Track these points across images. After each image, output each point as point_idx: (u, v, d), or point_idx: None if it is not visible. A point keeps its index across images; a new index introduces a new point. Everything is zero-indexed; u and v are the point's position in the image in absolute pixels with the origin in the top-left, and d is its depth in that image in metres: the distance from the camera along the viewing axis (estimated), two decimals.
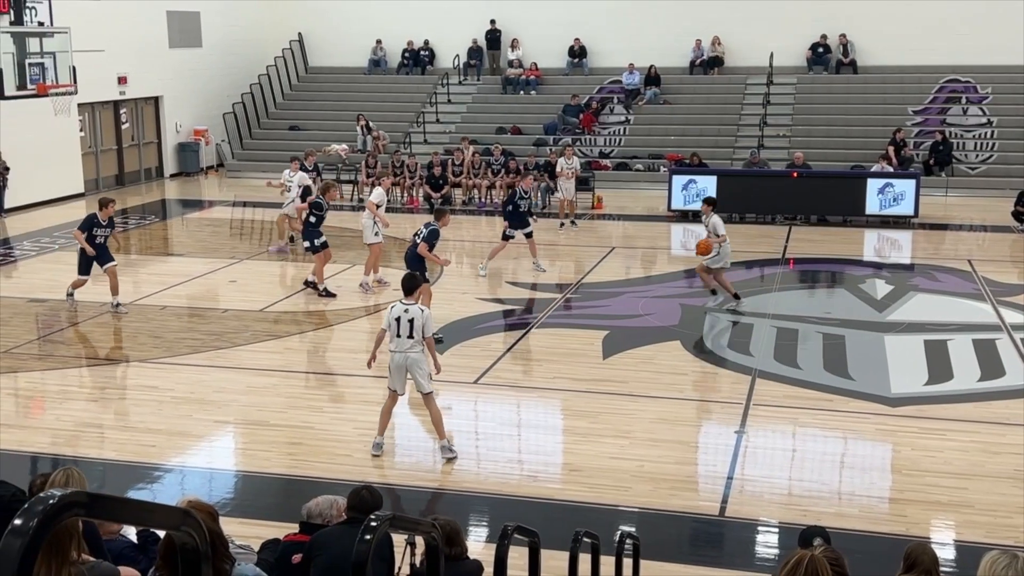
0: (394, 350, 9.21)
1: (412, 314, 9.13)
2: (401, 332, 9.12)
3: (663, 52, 27.37)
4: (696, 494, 8.78)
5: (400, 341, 9.15)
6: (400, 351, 9.16)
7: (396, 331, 9.14)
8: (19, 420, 10.40)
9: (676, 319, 13.95)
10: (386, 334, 9.32)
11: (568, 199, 20.50)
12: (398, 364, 9.21)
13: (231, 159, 27.82)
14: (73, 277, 14.24)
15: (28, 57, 16.98)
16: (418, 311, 9.20)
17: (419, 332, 9.13)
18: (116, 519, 2.34)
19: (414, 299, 9.37)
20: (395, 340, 9.17)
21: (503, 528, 5.14)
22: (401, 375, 9.27)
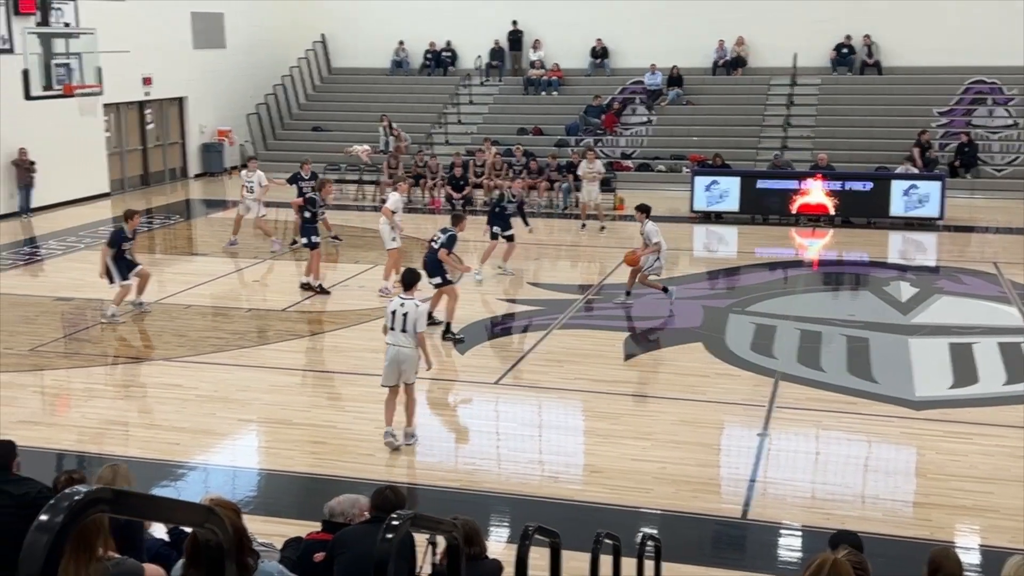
0: (389, 343, 9.38)
1: (407, 308, 9.27)
2: (395, 325, 9.27)
3: (686, 52, 27.29)
4: (718, 496, 8.75)
5: (395, 334, 9.31)
6: (394, 344, 9.33)
7: (391, 324, 9.30)
8: (45, 417, 10.49)
9: (698, 321, 13.90)
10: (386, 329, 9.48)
11: (591, 202, 20.39)
12: (391, 357, 9.37)
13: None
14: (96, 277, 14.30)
15: (54, 58, 17.14)
16: (412, 305, 9.32)
17: (412, 326, 9.22)
18: (141, 516, 2.36)
19: (412, 294, 9.49)
20: (390, 333, 9.34)
21: (524, 528, 5.14)
22: (394, 369, 9.40)
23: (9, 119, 20.44)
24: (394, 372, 9.43)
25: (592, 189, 20.54)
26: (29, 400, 11.04)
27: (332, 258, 17.59)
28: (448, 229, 13.27)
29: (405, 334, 9.27)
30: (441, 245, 13.04)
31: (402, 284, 9.73)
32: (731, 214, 21.33)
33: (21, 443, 6.48)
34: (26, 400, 10.99)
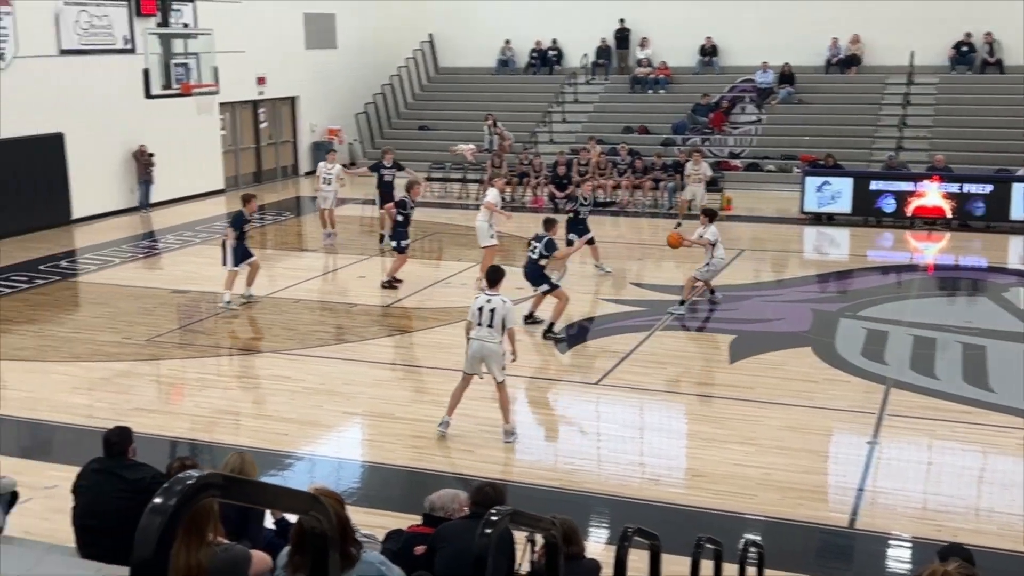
0: (473, 337, 9.49)
1: (493, 304, 9.41)
2: (482, 321, 9.39)
3: (798, 50, 26.75)
4: (825, 504, 8.55)
5: (480, 330, 9.42)
6: (478, 339, 9.44)
7: (478, 320, 9.42)
8: (160, 406, 10.85)
9: (807, 324, 13.61)
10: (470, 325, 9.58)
11: (694, 203, 20.13)
12: (475, 351, 9.49)
13: (362, 158, 28.40)
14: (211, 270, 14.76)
15: (173, 58, 17.67)
16: (499, 302, 9.44)
17: (499, 322, 9.37)
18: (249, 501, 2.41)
19: (498, 290, 9.62)
20: (476, 329, 9.45)
21: (623, 530, 5.10)
22: (476, 362, 9.55)
23: (131, 117, 21.23)
24: (474, 363, 9.57)
25: (697, 190, 20.33)
26: (145, 388, 11.44)
27: (436, 255, 17.78)
28: (542, 235, 13.25)
29: (491, 329, 9.39)
30: (540, 255, 13.05)
31: (487, 281, 9.83)
32: (843, 216, 20.84)
33: (137, 430, 6.71)
34: (143, 388, 11.39)
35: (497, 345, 9.45)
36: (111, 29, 21.20)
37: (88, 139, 20.64)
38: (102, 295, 15.24)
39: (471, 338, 9.53)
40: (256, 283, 14.82)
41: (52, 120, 19.87)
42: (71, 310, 14.76)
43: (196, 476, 2.06)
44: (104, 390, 11.15)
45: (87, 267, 17.15)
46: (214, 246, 18.80)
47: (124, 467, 6.00)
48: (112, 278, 16.26)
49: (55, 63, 19.99)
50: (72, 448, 9.32)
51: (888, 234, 20.05)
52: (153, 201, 22.12)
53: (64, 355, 12.31)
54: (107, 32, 21.11)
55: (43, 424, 10.28)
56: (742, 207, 22.11)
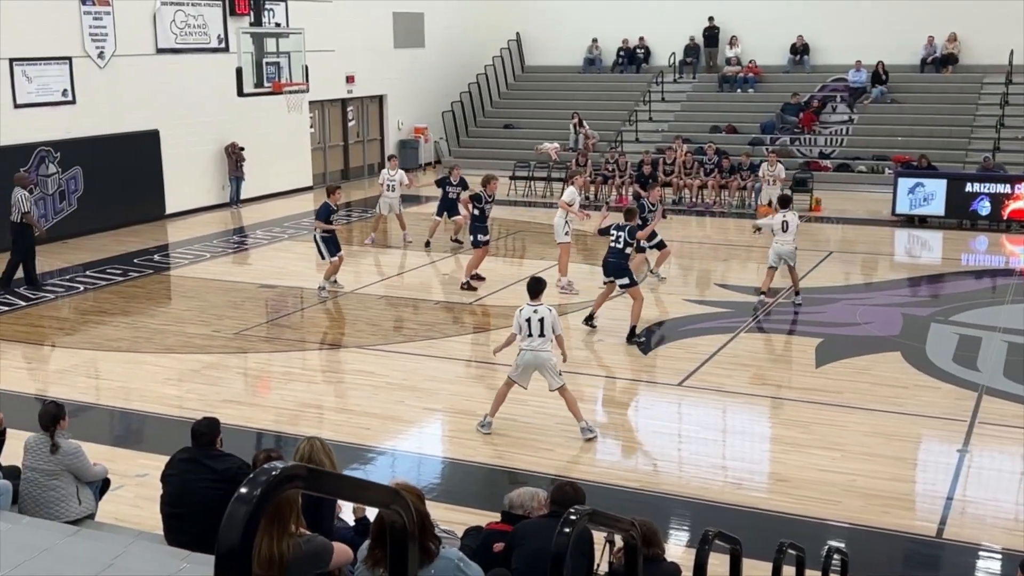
0: (524, 348, 9.56)
1: (541, 314, 9.54)
2: (532, 332, 9.51)
3: (892, 49, 26.14)
4: (912, 513, 8.35)
5: (532, 340, 9.52)
6: (530, 349, 9.53)
7: (528, 331, 9.52)
8: (247, 398, 11.08)
9: (897, 329, 13.30)
10: (516, 337, 9.67)
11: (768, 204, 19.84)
12: (527, 361, 9.56)
13: (448, 156, 28.64)
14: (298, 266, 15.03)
15: (265, 57, 18.02)
16: (546, 311, 9.58)
17: (549, 331, 9.49)
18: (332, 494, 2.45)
19: (540, 300, 9.69)
20: (526, 340, 9.54)
21: (704, 533, 5.06)
22: (528, 372, 9.63)
23: (223, 115, 21.73)
24: (526, 375, 9.65)
25: (772, 192, 20.00)
26: (233, 380, 11.70)
27: (518, 254, 17.81)
28: (624, 224, 13.15)
29: (543, 338, 9.50)
30: (626, 244, 12.95)
31: (529, 292, 9.81)
32: (936, 218, 20.32)
33: (224, 421, 6.88)
34: (230, 380, 11.65)
35: (549, 354, 9.56)
36: (206, 28, 21.72)
37: (182, 136, 21.19)
38: (193, 288, 15.63)
39: (523, 348, 9.59)
40: (341, 278, 15.14)
41: (148, 117, 20.44)
42: (163, 303, 15.17)
43: (280, 467, 2.10)
44: (194, 381, 11.43)
45: (179, 261, 17.60)
46: (302, 242, 19.16)
47: (211, 457, 6.14)
48: (203, 272, 16.66)
49: (152, 61, 20.56)
50: (162, 438, 9.57)
51: (983, 237, 19.50)
52: (243, 197, 22.59)
53: (156, 346, 12.66)
54: (202, 31, 21.64)
55: (135, 414, 10.59)
56: (831, 208, 21.71)
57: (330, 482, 2.34)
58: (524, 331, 9.56)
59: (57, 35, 18.66)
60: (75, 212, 19.21)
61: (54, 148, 18.67)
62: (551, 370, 9.58)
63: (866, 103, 25.94)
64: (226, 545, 1.97)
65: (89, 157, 19.29)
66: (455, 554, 4.38)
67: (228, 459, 6.18)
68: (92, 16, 19.29)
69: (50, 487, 6.57)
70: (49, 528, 5.31)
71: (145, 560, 4.37)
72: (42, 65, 18.50)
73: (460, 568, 4.29)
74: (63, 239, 18.44)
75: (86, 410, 10.54)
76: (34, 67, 18.35)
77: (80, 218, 19.22)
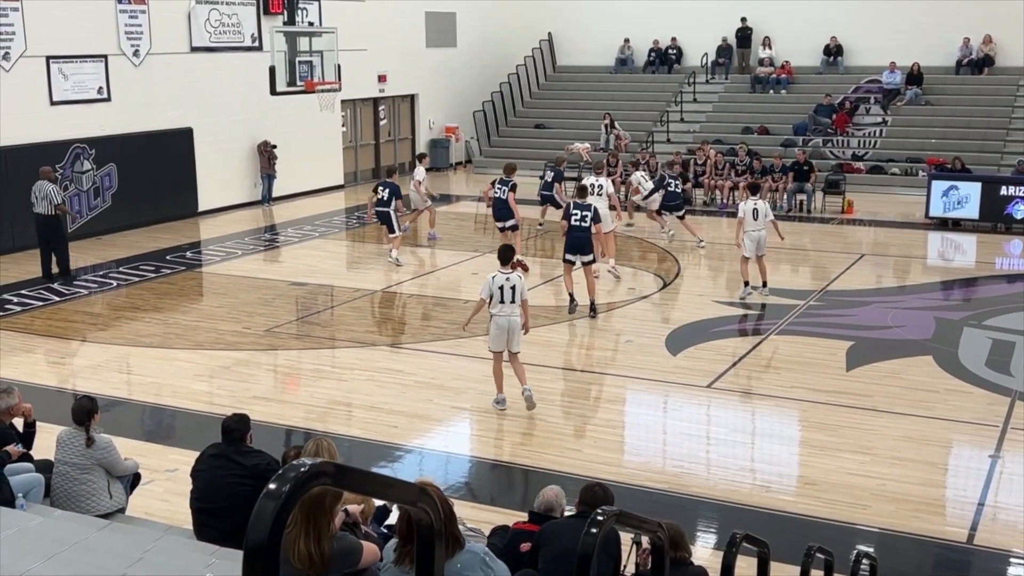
0: (499, 314, 10.12)
1: (513, 281, 10.13)
2: (505, 299, 10.09)
3: (926, 50, 25.90)
4: (942, 518, 8.27)
5: (504, 306, 10.10)
6: (504, 315, 10.11)
7: (500, 298, 10.09)
8: (277, 395, 11.15)
9: (929, 332, 13.18)
10: (485, 303, 10.21)
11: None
12: (502, 327, 10.13)
13: (479, 156, 28.68)
14: (329, 264, 15.08)
15: (298, 55, 18.12)
16: (517, 278, 10.19)
17: (519, 296, 10.11)
18: (359, 491, 2.46)
19: (510, 268, 10.26)
20: (498, 306, 10.11)
21: (731, 535, 5.04)
22: (503, 336, 10.16)
23: (256, 113, 21.88)
24: (503, 339, 10.17)
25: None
26: (263, 377, 11.78)
27: (547, 254, 17.78)
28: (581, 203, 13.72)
29: (513, 304, 10.10)
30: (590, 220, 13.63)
31: (500, 260, 10.33)
32: (970, 221, 20.11)
33: (254, 417, 6.93)
34: (261, 377, 11.73)
35: (519, 318, 10.20)
36: (240, 27, 21.88)
37: (215, 134, 21.35)
38: (224, 285, 15.75)
39: (496, 315, 10.11)
40: (372, 278, 15.26)
41: (182, 115, 20.62)
42: (195, 299, 15.30)
43: (309, 464, 2.12)
44: (224, 378, 11.52)
45: (211, 258, 17.74)
46: (333, 240, 19.28)
47: (241, 453, 6.19)
48: (234, 269, 16.79)
49: (186, 60, 20.74)
50: (193, 433, 9.66)
51: (1017, 241, 19.28)
52: (275, 195, 22.74)
53: (187, 343, 12.77)
54: (236, 30, 21.80)
55: (166, 409, 10.69)
56: (864, 210, 21.55)
57: (358, 479, 2.35)
58: (497, 298, 10.09)
59: (93, 33, 18.86)
60: (109, 208, 19.41)
61: (89, 145, 18.88)
62: (518, 334, 10.20)
63: (900, 105, 25.72)
64: (254, 540, 1.99)
65: (123, 154, 19.49)
66: (480, 548, 4.39)
67: (257, 455, 6.23)
68: (128, 15, 19.48)
69: (82, 481, 6.64)
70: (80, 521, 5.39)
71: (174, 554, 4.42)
72: (78, 63, 18.71)
73: (485, 562, 4.29)
74: (97, 235, 18.63)
75: (118, 405, 10.65)
76: (70, 65, 18.56)
77: (114, 214, 19.42)
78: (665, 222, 18.73)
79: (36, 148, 17.67)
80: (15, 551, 4.12)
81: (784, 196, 21.94)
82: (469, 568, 4.20)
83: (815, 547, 5.80)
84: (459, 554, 4.18)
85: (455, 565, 4.16)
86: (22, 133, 17.59)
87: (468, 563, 4.20)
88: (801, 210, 21.80)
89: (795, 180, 21.77)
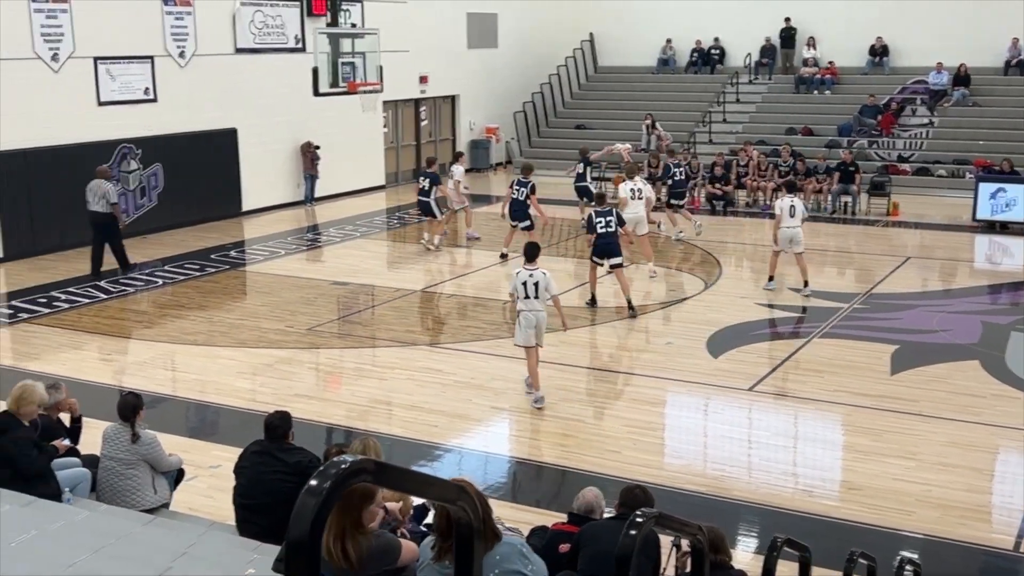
0: (526, 310, 10.34)
1: (536, 277, 10.33)
2: (529, 294, 10.31)
3: (974, 51, 25.52)
4: (989, 525, 8.14)
5: (530, 302, 10.33)
6: (531, 310, 10.34)
7: (525, 294, 10.32)
8: (318, 393, 11.23)
9: (976, 337, 12.99)
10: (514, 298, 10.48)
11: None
12: (530, 322, 10.35)
13: (519, 157, 28.68)
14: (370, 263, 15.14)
15: (341, 56, 18.25)
16: (541, 275, 10.35)
17: (544, 292, 10.29)
18: (399, 488, 2.47)
19: (535, 264, 10.46)
20: (524, 302, 10.35)
21: (773, 540, 5.00)
22: (531, 331, 10.37)
23: (299, 114, 22.06)
24: (531, 334, 10.38)
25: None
26: (305, 375, 11.87)
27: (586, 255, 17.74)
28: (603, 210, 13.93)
29: (537, 300, 10.31)
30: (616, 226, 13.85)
31: (525, 257, 10.56)
32: (1018, 224, 19.79)
33: (296, 415, 6.98)
34: (302, 375, 11.82)
35: (544, 313, 10.41)
36: (283, 29, 22.07)
37: (259, 135, 21.55)
38: (267, 284, 15.89)
39: (522, 311, 10.34)
40: (413, 278, 15.32)
41: (226, 116, 20.83)
42: (238, 298, 15.45)
43: (350, 461, 2.13)
44: (267, 375, 11.62)
45: (254, 257, 17.90)
46: (374, 240, 19.39)
47: (283, 450, 6.24)
48: (277, 268, 16.93)
49: (230, 61, 20.95)
50: (236, 430, 9.75)
51: None
52: (318, 195, 22.90)
53: (231, 340, 12.90)
54: (280, 31, 21.99)
55: (210, 406, 10.80)
56: (910, 213, 21.29)
57: (397, 477, 2.36)
58: (521, 293, 10.32)
59: (140, 35, 19.11)
60: (155, 208, 19.66)
61: (135, 145, 19.14)
62: (544, 329, 10.50)
63: (947, 106, 25.37)
64: (295, 536, 2.00)
65: (169, 154, 19.73)
66: (518, 540, 4.42)
67: (299, 452, 6.28)
68: (174, 16, 19.72)
69: (127, 476, 6.73)
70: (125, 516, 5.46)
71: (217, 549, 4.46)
72: (125, 64, 18.97)
73: (523, 554, 4.33)
74: (143, 234, 18.87)
75: (162, 402, 10.78)
76: (117, 66, 18.82)
77: (159, 214, 19.67)
78: (691, 217, 19.46)
79: (84, 148, 17.94)
80: (62, 544, 4.19)
81: (828, 198, 21.72)
82: (507, 559, 4.23)
83: (858, 552, 5.74)
84: (498, 546, 4.21)
85: (494, 556, 4.20)
86: (70, 133, 17.87)
87: (506, 554, 4.23)
88: (846, 212, 21.57)
89: (840, 181, 21.55)
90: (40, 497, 5.25)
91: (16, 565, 3.94)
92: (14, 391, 6.72)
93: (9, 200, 17.15)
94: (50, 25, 17.60)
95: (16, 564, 3.94)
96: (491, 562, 4.16)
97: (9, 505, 4.72)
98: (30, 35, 17.31)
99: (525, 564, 4.31)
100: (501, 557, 4.22)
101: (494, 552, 4.18)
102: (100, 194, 15.77)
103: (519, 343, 10.57)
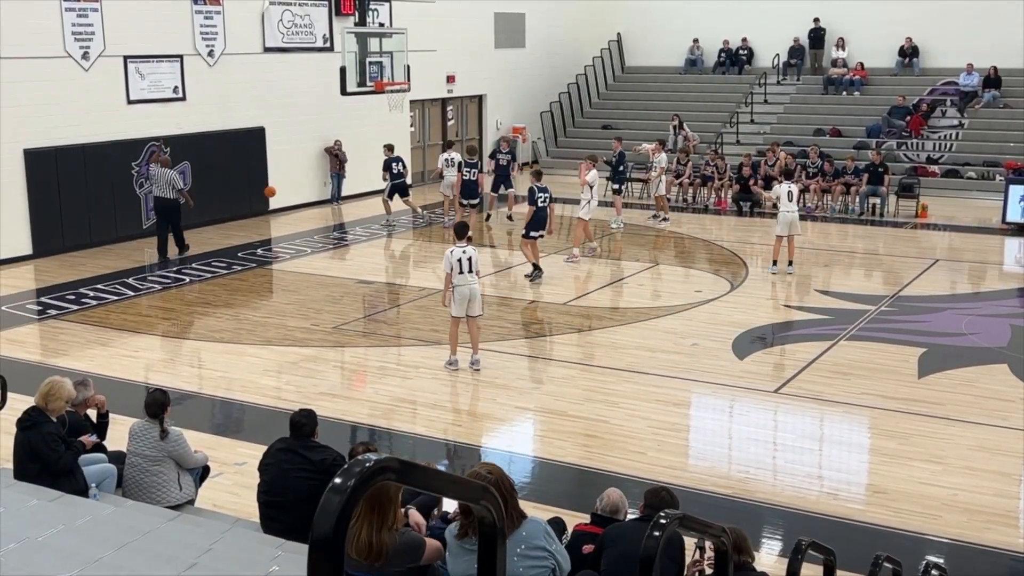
0: (461, 284, 11.28)
1: (469, 253, 11.34)
2: (463, 269, 11.24)
3: (1005, 52, 25.26)
4: (1016, 530, 8.06)
5: (464, 276, 11.27)
6: (466, 284, 11.31)
7: (459, 269, 11.23)
8: (343, 391, 11.27)
9: (1005, 340, 12.86)
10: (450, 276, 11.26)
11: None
12: (464, 295, 11.30)
13: (545, 156, 28.66)
14: (398, 262, 15.13)
15: (368, 56, 18.30)
16: (472, 251, 11.38)
17: (477, 266, 11.36)
18: (424, 487, 2.47)
19: (466, 242, 11.41)
20: (459, 276, 11.25)
21: (797, 543, 4.97)
22: (465, 303, 11.34)
23: (326, 113, 22.15)
24: (463, 306, 11.34)
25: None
26: (330, 374, 11.91)
27: (615, 255, 17.73)
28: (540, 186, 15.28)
29: (472, 274, 11.28)
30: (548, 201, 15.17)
31: (457, 236, 11.56)
32: None
33: (321, 413, 7.00)
34: (327, 373, 11.86)
35: (479, 286, 11.51)
36: (312, 28, 22.16)
37: (286, 133, 21.65)
38: (293, 283, 15.97)
39: (458, 285, 11.24)
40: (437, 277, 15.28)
41: (255, 114, 20.95)
42: (265, 296, 15.53)
43: (374, 459, 2.13)
44: (292, 373, 11.67)
45: (281, 255, 17.99)
46: (399, 239, 19.43)
47: (308, 448, 6.27)
48: (303, 267, 17.00)
49: (259, 60, 21.06)
50: (261, 427, 9.79)
51: None
52: (344, 194, 22.98)
53: (257, 338, 12.97)
54: (308, 31, 22.08)
55: (235, 403, 10.86)
56: (939, 215, 21.12)
57: (422, 475, 2.36)
58: (457, 269, 11.20)
59: (170, 34, 19.25)
60: (183, 206, 19.76)
61: (164, 143, 19.28)
62: (479, 300, 11.51)
63: (977, 107, 25.14)
64: (320, 534, 2.01)
65: (197, 152, 19.86)
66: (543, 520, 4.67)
67: (324, 450, 6.30)
68: (203, 15, 19.85)
69: (153, 472, 6.78)
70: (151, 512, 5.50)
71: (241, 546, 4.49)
72: (155, 63, 19.11)
73: (548, 533, 4.66)
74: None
75: (189, 399, 10.85)
76: (147, 64, 18.97)
77: (187, 211, 19.77)
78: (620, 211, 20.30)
79: (114, 145, 18.09)
80: (88, 539, 4.22)
81: (857, 200, 21.57)
82: (534, 536, 4.55)
83: (883, 556, 5.69)
84: (524, 523, 4.50)
85: (520, 533, 4.51)
86: (100, 131, 18.03)
87: (533, 531, 4.56)
88: (874, 214, 21.41)
89: (869, 183, 21.39)
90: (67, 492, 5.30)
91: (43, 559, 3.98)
92: (42, 387, 6.78)
93: (39, 197, 17.31)
94: (81, 24, 17.76)
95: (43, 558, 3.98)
96: (518, 538, 4.45)
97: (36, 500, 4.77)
98: (61, 34, 17.48)
99: (550, 542, 4.62)
100: (528, 534, 4.52)
101: (520, 528, 4.43)
102: (166, 180, 16.88)
103: (454, 314, 11.42)
